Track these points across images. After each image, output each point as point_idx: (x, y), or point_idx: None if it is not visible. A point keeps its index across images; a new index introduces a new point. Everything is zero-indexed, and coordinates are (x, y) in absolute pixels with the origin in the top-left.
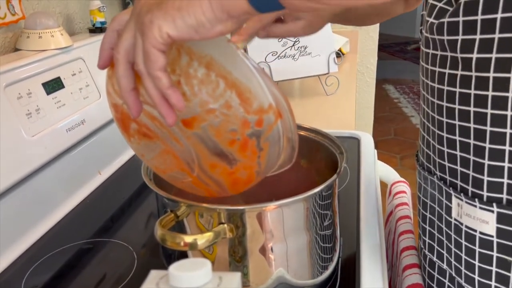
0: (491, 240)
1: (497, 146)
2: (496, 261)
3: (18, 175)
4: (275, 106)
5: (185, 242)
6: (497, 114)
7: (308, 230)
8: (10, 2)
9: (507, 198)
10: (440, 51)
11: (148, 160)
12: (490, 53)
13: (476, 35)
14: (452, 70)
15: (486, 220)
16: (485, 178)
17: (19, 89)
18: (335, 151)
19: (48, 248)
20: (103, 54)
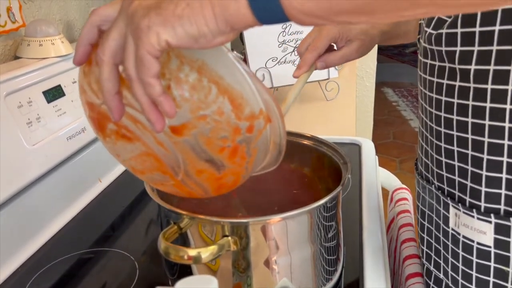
0: (489, 250)
1: (495, 157)
2: (494, 271)
3: (19, 184)
4: (265, 111)
5: (189, 255)
6: (495, 125)
7: (312, 241)
8: (10, 10)
9: (505, 209)
10: (438, 61)
11: (125, 160)
12: (488, 65)
13: (474, 47)
14: (450, 81)
15: (484, 230)
16: (483, 189)
17: (20, 98)
18: (339, 161)
19: (49, 258)
20: (80, 50)
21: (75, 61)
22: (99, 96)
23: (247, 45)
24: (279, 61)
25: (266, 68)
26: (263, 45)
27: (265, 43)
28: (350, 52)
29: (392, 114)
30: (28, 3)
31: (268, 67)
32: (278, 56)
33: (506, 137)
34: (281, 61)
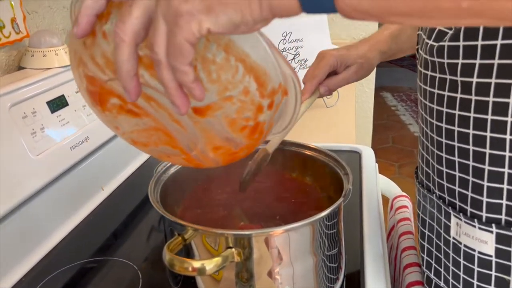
0: (490, 259)
1: (496, 168)
2: (495, 280)
3: (23, 194)
4: (284, 84)
5: (193, 267)
6: (497, 137)
7: (315, 252)
8: (14, 21)
9: (506, 219)
10: (439, 73)
11: (125, 133)
12: (489, 78)
13: (476, 60)
14: (451, 92)
15: (485, 240)
16: (484, 199)
17: (24, 109)
18: (340, 171)
19: (52, 267)
20: (84, 20)
21: (79, 32)
22: (106, 72)
23: None
24: None
25: None
26: None
27: None
28: (349, 76)
29: (391, 118)
30: (32, 13)
31: None
32: None
33: (507, 149)
34: None
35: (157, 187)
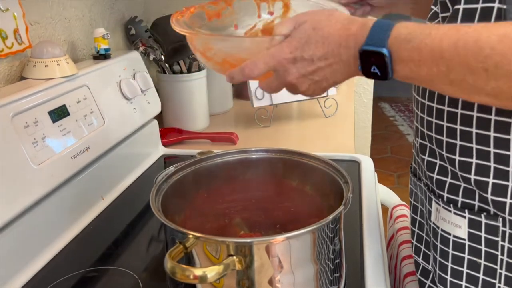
0: (463, 243)
1: (466, 158)
2: (467, 262)
3: (24, 203)
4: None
5: (195, 275)
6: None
7: (315, 260)
8: (17, 32)
9: (479, 205)
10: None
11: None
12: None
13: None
14: (439, 105)
15: (459, 224)
16: (462, 184)
17: (26, 118)
18: (340, 180)
19: (52, 276)
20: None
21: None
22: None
23: None
24: None
25: None
26: None
27: None
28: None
29: (390, 129)
30: (35, 24)
31: None
32: None
33: (474, 141)
34: None
35: (158, 196)
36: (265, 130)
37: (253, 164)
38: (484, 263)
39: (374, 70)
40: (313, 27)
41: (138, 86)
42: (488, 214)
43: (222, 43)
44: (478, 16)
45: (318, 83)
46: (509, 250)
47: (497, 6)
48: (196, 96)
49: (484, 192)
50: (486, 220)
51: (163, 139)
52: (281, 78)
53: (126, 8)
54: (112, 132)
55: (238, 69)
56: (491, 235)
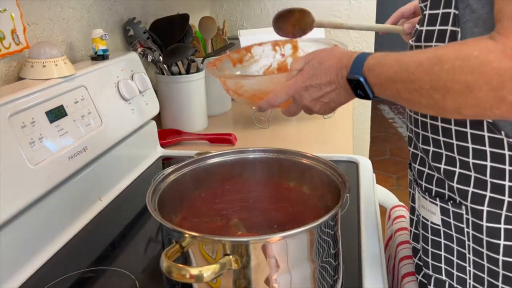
0: (439, 228)
1: (438, 149)
2: (444, 247)
3: (21, 203)
4: None
5: (191, 274)
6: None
7: (312, 260)
8: (14, 32)
9: (448, 194)
10: None
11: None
12: None
13: None
14: None
15: (434, 211)
16: (436, 175)
17: (23, 118)
18: (337, 180)
19: (50, 277)
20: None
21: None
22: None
23: None
24: None
25: None
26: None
27: None
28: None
29: (389, 131)
30: (32, 25)
31: None
32: None
33: (453, 137)
34: None
35: (154, 196)
36: (263, 131)
37: (250, 164)
38: (456, 248)
39: (360, 93)
40: (318, 62)
41: (136, 87)
42: (454, 202)
43: (250, 81)
44: (435, 37)
45: (327, 104)
46: (474, 236)
47: (449, 28)
48: (194, 97)
49: (450, 181)
50: (453, 208)
51: (161, 140)
52: (298, 103)
53: (124, 10)
54: (110, 133)
55: (265, 100)
56: (458, 222)
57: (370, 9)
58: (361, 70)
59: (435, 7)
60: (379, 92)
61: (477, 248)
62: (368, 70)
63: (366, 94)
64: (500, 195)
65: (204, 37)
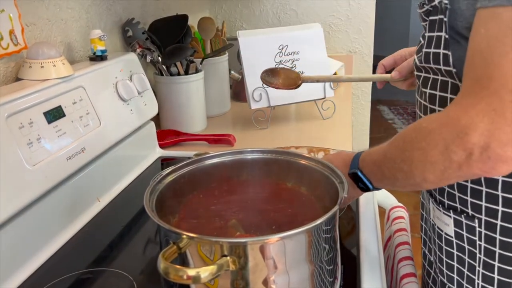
0: (452, 240)
1: None
2: (456, 258)
3: (19, 204)
4: None
5: (188, 275)
6: None
7: (310, 261)
8: (13, 33)
9: (460, 208)
10: (418, 82)
11: None
12: (435, 91)
13: (430, 75)
14: (420, 99)
15: (447, 223)
16: (446, 189)
17: (21, 119)
18: (335, 180)
19: (48, 278)
20: None
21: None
22: None
23: (244, 65)
24: None
25: (264, 87)
26: (261, 65)
27: (262, 63)
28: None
29: (388, 131)
30: (31, 26)
31: (265, 87)
32: None
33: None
34: None
35: (152, 197)
36: (262, 132)
37: (249, 165)
38: (467, 260)
39: (361, 185)
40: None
41: (134, 87)
42: (467, 216)
43: None
44: (434, 43)
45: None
46: (485, 249)
47: (443, 35)
48: (193, 98)
49: (463, 195)
50: (466, 221)
51: (160, 141)
52: None
53: (123, 10)
54: (108, 134)
55: None
56: (471, 234)
57: (369, 10)
58: (357, 164)
59: (431, 30)
60: (375, 180)
61: (488, 261)
62: (361, 162)
63: (365, 186)
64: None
65: (203, 38)
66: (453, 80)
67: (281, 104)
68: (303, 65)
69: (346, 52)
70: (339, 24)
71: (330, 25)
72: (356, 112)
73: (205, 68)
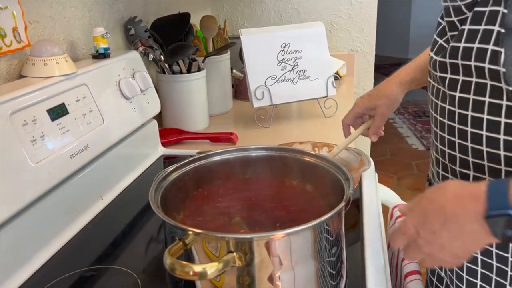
0: (476, 257)
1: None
2: (495, 283)
3: (23, 201)
4: None
5: (194, 271)
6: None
7: (316, 257)
8: (16, 30)
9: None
10: (437, 84)
11: None
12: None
13: (460, 76)
14: (442, 103)
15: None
16: None
17: (25, 116)
18: (341, 177)
19: (51, 275)
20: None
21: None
22: None
23: (246, 64)
24: (278, 79)
25: (266, 86)
26: (263, 64)
27: (265, 61)
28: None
29: (389, 131)
30: (34, 23)
31: (268, 85)
32: (277, 75)
33: (502, 163)
34: (280, 79)
35: (157, 194)
36: (265, 130)
37: (253, 162)
38: (495, 278)
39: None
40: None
41: (137, 85)
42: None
43: None
44: (479, 37)
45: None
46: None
47: (496, 29)
48: (195, 96)
49: None
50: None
51: (162, 139)
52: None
53: (125, 8)
54: (111, 132)
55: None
56: (502, 251)
57: (371, 9)
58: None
59: (475, 22)
60: None
61: None
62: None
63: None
64: None
65: (205, 36)
66: (495, 82)
67: (283, 102)
68: (306, 63)
69: (347, 51)
70: (341, 23)
71: (332, 23)
72: None
73: (207, 66)
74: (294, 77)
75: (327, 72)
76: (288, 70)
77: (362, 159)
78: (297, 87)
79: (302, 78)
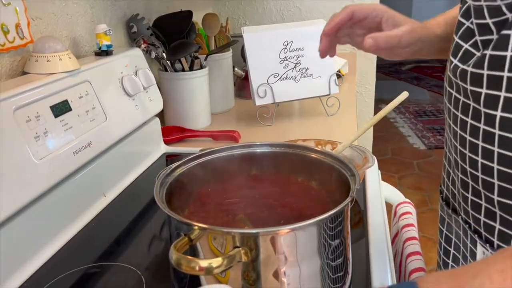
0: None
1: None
2: None
3: (26, 198)
4: None
5: (200, 266)
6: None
7: (321, 253)
8: (19, 26)
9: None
10: (463, 97)
11: None
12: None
13: (501, 92)
14: (474, 121)
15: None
16: (497, 227)
17: (28, 112)
18: (346, 173)
19: (55, 272)
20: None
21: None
22: None
23: (249, 62)
24: (281, 77)
25: (268, 84)
26: (265, 62)
27: (267, 59)
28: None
29: (390, 130)
30: (37, 20)
31: (270, 83)
32: (279, 72)
33: None
34: (283, 77)
35: (161, 190)
36: (267, 128)
37: (258, 159)
38: None
39: None
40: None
41: (140, 82)
42: None
43: None
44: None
45: None
46: None
47: None
48: (198, 94)
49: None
50: None
51: (165, 137)
52: None
53: (127, 6)
54: (114, 129)
55: None
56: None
57: None
58: None
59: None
60: None
61: None
62: None
63: None
64: None
65: (207, 34)
66: None
67: (285, 100)
68: (308, 61)
69: (349, 49)
70: None
71: None
72: (359, 110)
73: (209, 64)
74: (296, 75)
75: (329, 70)
76: (290, 68)
77: (366, 156)
78: (299, 85)
79: (304, 76)
